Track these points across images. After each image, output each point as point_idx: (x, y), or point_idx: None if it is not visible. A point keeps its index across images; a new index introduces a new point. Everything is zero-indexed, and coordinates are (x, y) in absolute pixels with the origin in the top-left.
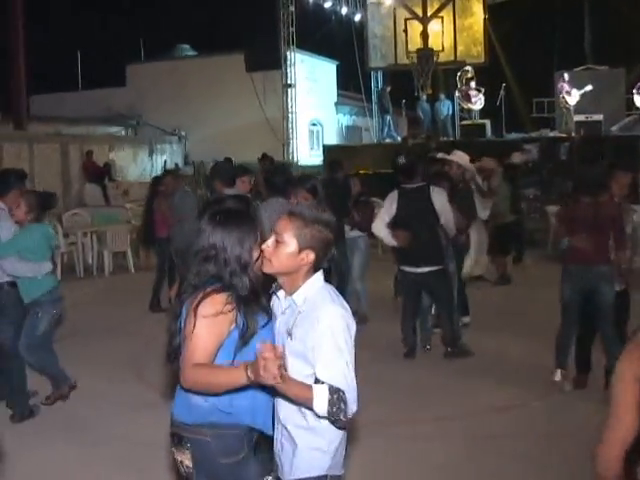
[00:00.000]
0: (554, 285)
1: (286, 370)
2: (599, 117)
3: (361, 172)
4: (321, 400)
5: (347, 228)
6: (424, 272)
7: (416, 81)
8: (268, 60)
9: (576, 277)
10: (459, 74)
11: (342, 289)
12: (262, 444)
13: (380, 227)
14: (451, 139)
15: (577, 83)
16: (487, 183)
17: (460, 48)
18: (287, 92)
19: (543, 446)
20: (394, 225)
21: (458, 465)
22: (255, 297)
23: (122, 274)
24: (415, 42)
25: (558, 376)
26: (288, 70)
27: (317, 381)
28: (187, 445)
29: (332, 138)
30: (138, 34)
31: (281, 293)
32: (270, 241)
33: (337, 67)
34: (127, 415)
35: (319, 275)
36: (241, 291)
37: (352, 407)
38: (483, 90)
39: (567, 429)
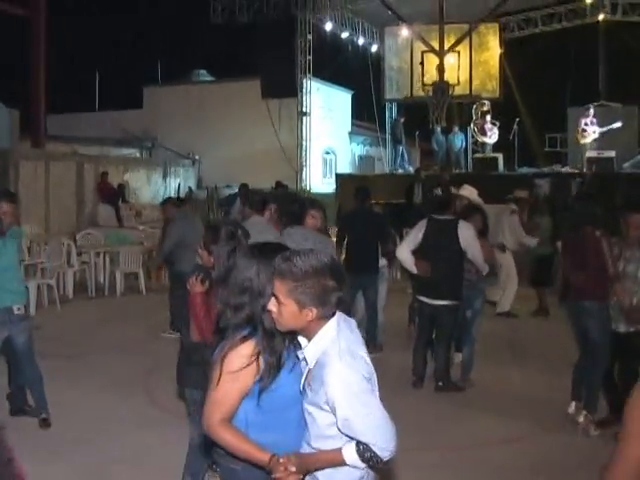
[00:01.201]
0: (560, 319)
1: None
2: (611, 154)
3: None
4: (353, 460)
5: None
6: (438, 305)
7: (431, 113)
8: (284, 87)
9: (569, 313)
10: (475, 107)
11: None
12: None
13: (405, 253)
14: (463, 172)
15: (598, 120)
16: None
17: (475, 82)
18: (302, 120)
19: (552, 479)
20: (417, 254)
21: None
22: (282, 334)
23: (133, 295)
24: (431, 75)
25: (572, 408)
26: (304, 98)
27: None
28: (217, 470)
29: (345, 167)
30: (156, 58)
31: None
32: (272, 301)
33: (352, 96)
34: (135, 434)
35: (331, 324)
36: (268, 325)
37: (385, 453)
38: (498, 124)
39: (577, 462)
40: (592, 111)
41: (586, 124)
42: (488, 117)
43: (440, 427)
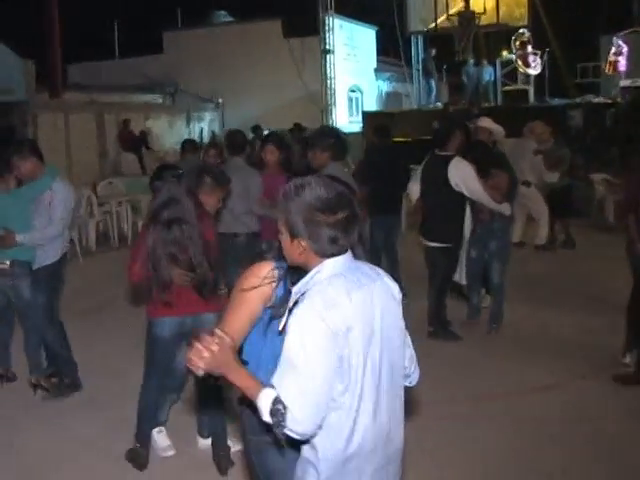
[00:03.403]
0: (600, 256)
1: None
2: None
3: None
4: (263, 404)
5: None
6: (431, 247)
7: (457, 45)
8: (306, 26)
9: None
10: (514, 38)
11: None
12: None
13: (414, 190)
14: (492, 105)
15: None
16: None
17: (502, 9)
18: (326, 58)
19: (587, 430)
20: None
21: (498, 448)
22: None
23: None
24: (456, 4)
25: (627, 358)
26: (326, 36)
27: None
28: (239, 412)
29: (372, 104)
30: (175, 1)
31: None
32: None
33: (376, 33)
34: None
35: (327, 264)
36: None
37: (293, 425)
38: (540, 53)
39: (615, 412)
40: (620, 41)
41: (615, 54)
42: (529, 47)
43: (468, 376)
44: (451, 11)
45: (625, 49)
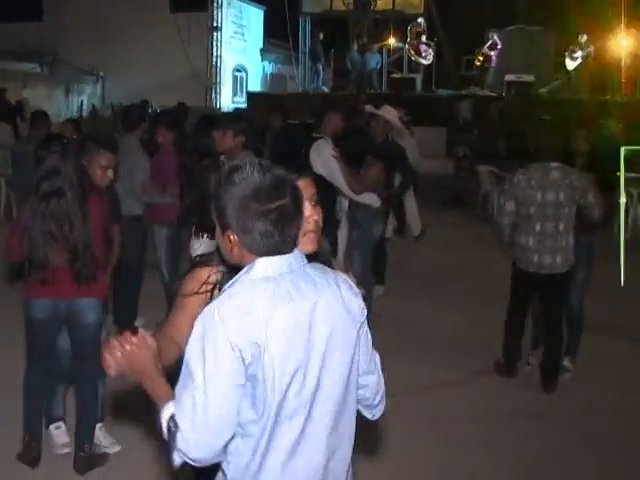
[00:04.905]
0: (485, 247)
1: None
2: (530, 78)
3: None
4: (165, 416)
5: None
6: None
7: (351, 29)
8: (193, 1)
9: None
10: (410, 27)
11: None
12: None
13: None
14: (378, 92)
15: (508, 42)
16: None
17: None
18: (213, 36)
19: (488, 428)
20: None
21: (398, 449)
22: None
23: None
24: None
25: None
26: (215, 12)
27: None
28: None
29: (256, 85)
30: None
31: None
32: None
33: (264, 13)
34: None
35: (258, 264)
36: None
37: (187, 451)
38: (433, 44)
39: (514, 408)
40: (495, 36)
41: (489, 47)
42: (423, 37)
43: None
44: None
45: (500, 45)
